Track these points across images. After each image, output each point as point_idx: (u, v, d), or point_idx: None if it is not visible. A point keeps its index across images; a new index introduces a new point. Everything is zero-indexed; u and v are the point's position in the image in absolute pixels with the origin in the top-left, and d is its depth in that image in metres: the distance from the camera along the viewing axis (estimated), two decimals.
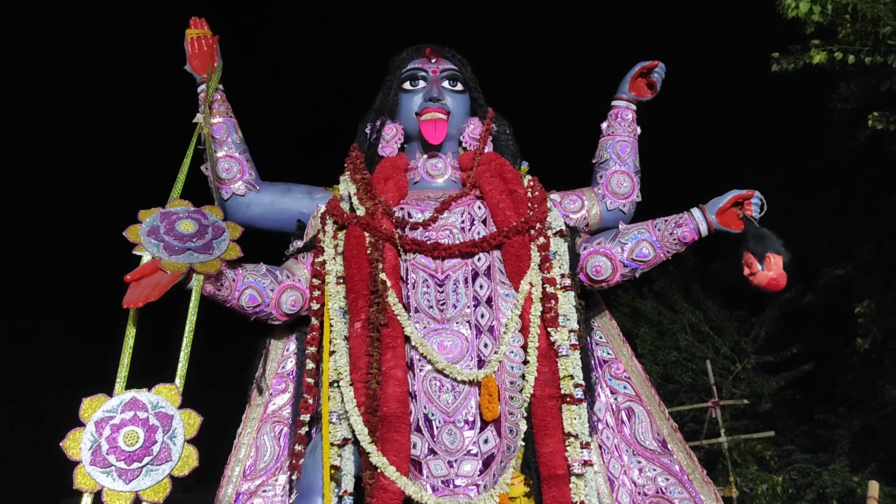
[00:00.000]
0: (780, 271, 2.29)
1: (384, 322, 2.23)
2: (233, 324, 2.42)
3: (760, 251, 2.30)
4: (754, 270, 2.30)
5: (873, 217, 8.13)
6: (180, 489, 1.81)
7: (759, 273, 2.29)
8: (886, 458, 8.37)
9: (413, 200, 2.49)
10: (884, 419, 8.33)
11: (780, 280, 2.29)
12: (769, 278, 2.29)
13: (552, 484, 2.16)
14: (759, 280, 2.30)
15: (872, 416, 8.41)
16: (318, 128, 7.93)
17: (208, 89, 2.54)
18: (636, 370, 2.55)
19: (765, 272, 2.29)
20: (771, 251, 2.29)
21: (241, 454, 2.39)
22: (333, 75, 8.98)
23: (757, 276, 2.30)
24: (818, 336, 8.74)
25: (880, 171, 7.76)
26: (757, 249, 2.30)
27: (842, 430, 8.01)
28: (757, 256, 2.30)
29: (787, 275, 2.30)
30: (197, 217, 2.18)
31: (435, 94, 2.56)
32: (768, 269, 2.28)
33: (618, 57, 2.86)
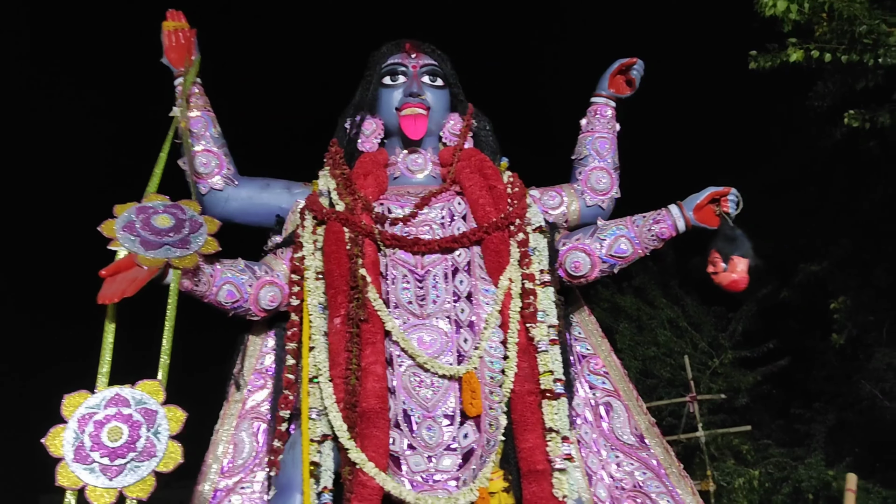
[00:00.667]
0: (743, 274, 2.32)
1: (364, 318, 2.23)
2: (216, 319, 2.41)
3: (727, 252, 2.33)
4: (718, 269, 2.33)
5: (849, 214, 8.24)
6: (161, 485, 1.80)
7: (721, 273, 2.32)
8: (861, 452, 8.50)
9: (393, 196, 2.48)
10: (859, 414, 8.46)
11: (741, 282, 2.33)
12: (730, 279, 2.32)
13: (532, 479, 2.17)
14: (721, 280, 2.34)
15: (847, 410, 8.54)
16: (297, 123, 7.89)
17: (185, 83, 2.51)
18: (614, 365, 2.57)
19: (727, 273, 2.32)
20: (737, 253, 2.31)
21: (218, 451, 2.37)
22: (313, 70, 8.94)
23: (719, 276, 2.34)
24: (794, 332, 8.86)
25: (856, 168, 7.87)
26: (724, 249, 2.33)
27: (817, 425, 8.13)
28: (723, 256, 2.33)
29: (749, 278, 2.33)
30: (174, 211, 2.16)
31: (415, 89, 2.56)
32: (731, 270, 2.32)
33: (597, 54, 2.87)
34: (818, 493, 7.28)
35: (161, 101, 2.53)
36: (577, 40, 8.90)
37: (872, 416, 8.28)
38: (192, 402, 2.06)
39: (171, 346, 1.94)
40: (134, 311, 2.01)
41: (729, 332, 8.76)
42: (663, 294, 9.11)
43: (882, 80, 5.59)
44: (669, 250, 8.94)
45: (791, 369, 8.57)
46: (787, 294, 8.81)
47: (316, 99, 6.52)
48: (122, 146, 7.93)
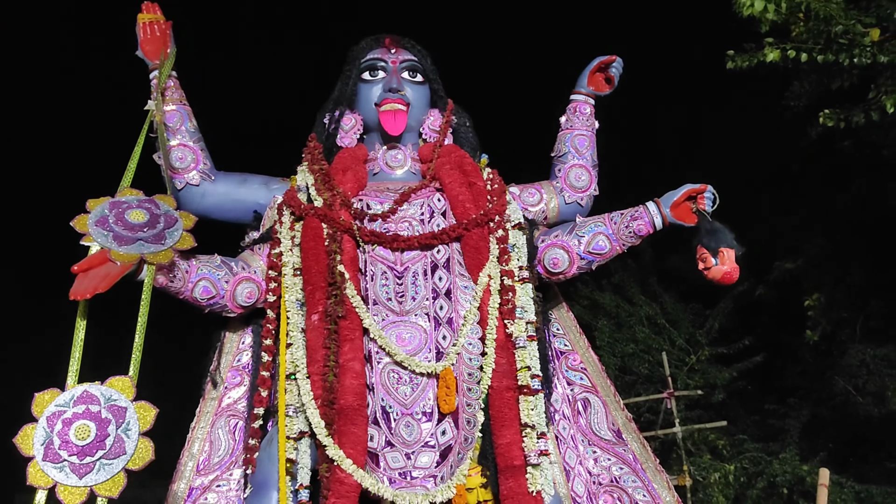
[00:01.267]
0: (734, 265, 2.33)
1: (342, 314, 2.22)
2: (189, 315, 2.39)
3: (713, 246, 2.34)
4: (709, 265, 2.34)
5: (824, 212, 8.34)
6: (136, 484, 1.78)
7: (713, 268, 2.34)
8: (835, 448, 8.62)
9: (372, 192, 2.47)
10: (832, 410, 8.57)
11: (734, 273, 2.34)
12: (723, 272, 2.33)
13: (509, 475, 2.17)
14: (714, 274, 2.34)
15: (821, 406, 8.64)
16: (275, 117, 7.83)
17: (161, 76, 2.49)
18: (592, 361, 2.58)
19: (719, 266, 2.33)
20: (724, 245, 2.33)
21: (194, 449, 2.35)
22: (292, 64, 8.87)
23: (711, 271, 2.34)
24: (769, 328, 8.95)
25: (831, 167, 7.96)
26: (710, 244, 2.35)
27: (792, 421, 8.22)
28: (710, 251, 2.34)
29: (739, 267, 2.34)
30: (148, 206, 2.14)
31: (394, 84, 2.55)
32: (722, 263, 2.33)
33: (576, 52, 2.87)
34: (792, 488, 7.36)
35: (136, 95, 2.50)
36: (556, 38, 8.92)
37: (846, 411, 8.39)
38: (169, 399, 2.04)
39: (143, 343, 1.92)
40: (106, 308, 1.98)
41: (706, 328, 8.83)
42: (642, 291, 9.16)
43: (857, 80, 5.65)
44: (648, 248, 9.00)
45: (766, 366, 8.65)
46: (763, 291, 8.90)
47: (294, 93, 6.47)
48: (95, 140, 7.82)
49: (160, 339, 2.35)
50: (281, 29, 9.59)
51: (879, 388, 8.03)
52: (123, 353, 1.91)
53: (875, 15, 5.28)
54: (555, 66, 4.45)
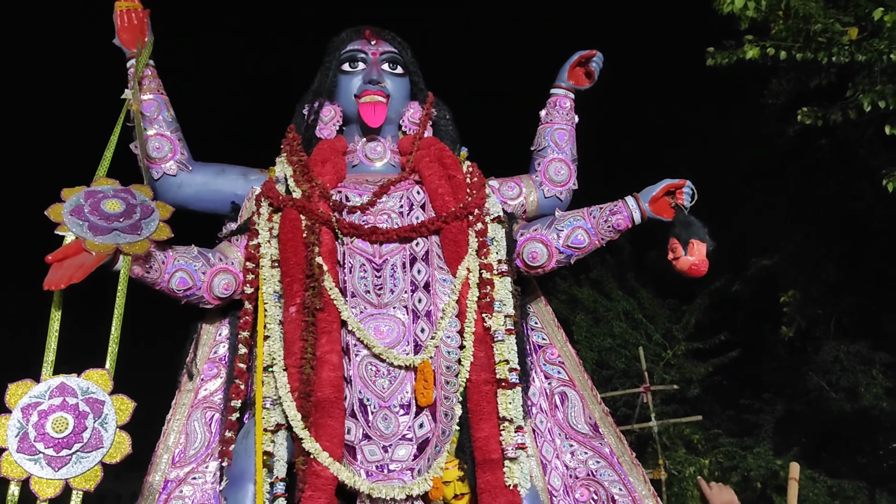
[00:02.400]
0: (703, 258, 2.35)
1: (319, 306, 2.21)
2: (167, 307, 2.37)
3: (685, 237, 2.36)
4: (678, 255, 2.36)
5: (800, 210, 8.43)
6: (112, 476, 1.77)
7: (681, 258, 2.35)
8: (808, 443, 8.74)
9: (351, 184, 2.46)
10: (806, 405, 8.69)
11: (702, 266, 2.36)
12: (690, 263, 2.35)
13: (486, 468, 2.18)
14: (682, 265, 2.36)
15: (795, 401, 8.76)
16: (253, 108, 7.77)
17: (138, 65, 2.45)
18: (570, 355, 2.59)
19: (687, 257, 2.35)
20: (695, 238, 2.35)
21: (169, 441, 2.33)
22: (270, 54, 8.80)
23: (679, 261, 2.36)
24: (745, 324, 9.05)
25: (808, 164, 8.04)
26: (682, 235, 2.36)
27: (766, 415, 8.33)
28: (682, 242, 2.36)
29: (709, 262, 2.36)
30: (124, 196, 2.11)
31: (374, 76, 2.53)
32: (690, 254, 2.34)
33: (557, 46, 2.87)
34: (766, 482, 7.47)
35: (113, 83, 2.47)
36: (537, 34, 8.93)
37: (819, 407, 8.51)
38: (144, 391, 2.02)
39: (119, 335, 1.90)
40: (81, 298, 1.96)
41: (682, 324, 8.91)
42: (620, 286, 9.23)
43: (835, 79, 5.72)
44: (626, 244, 9.06)
45: (741, 361, 8.75)
46: (739, 287, 8.99)
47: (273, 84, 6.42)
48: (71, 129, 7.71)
49: (136, 330, 2.32)
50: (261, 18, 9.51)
51: (852, 384, 8.16)
52: (98, 344, 1.89)
53: (853, 14, 5.33)
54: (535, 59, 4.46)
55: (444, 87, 2.74)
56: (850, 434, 8.58)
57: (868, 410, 8.09)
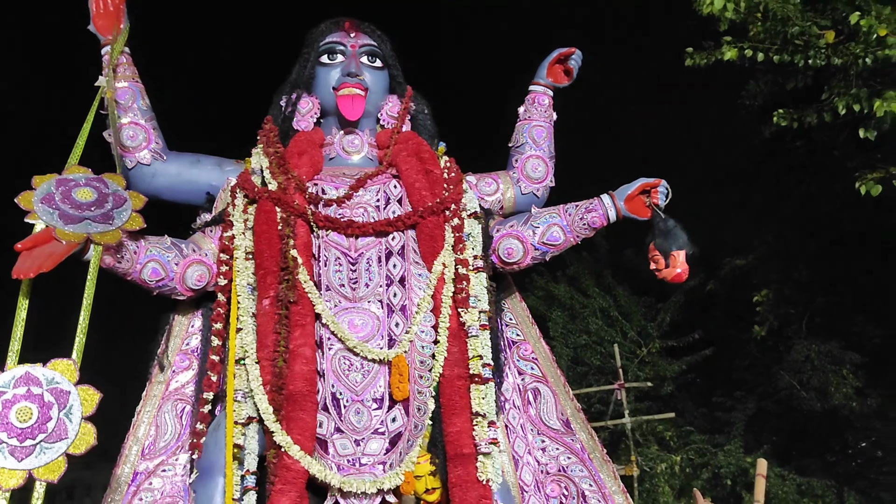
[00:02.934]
0: (684, 266, 2.38)
1: (293, 299, 2.20)
2: (137, 297, 2.34)
3: (666, 248, 2.38)
4: (660, 267, 2.39)
5: (774, 211, 8.53)
6: (83, 467, 1.75)
7: (664, 270, 2.38)
8: (778, 441, 8.86)
9: (328, 177, 2.44)
10: (777, 403, 8.81)
11: (684, 274, 2.39)
12: (674, 274, 2.38)
13: (458, 463, 2.18)
14: (665, 275, 2.40)
15: (766, 400, 8.87)
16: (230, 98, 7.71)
17: (113, 52, 2.42)
18: (543, 351, 2.60)
19: (670, 269, 2.38)
20: (676, 247, 2.37)
21: (139, 433, 2.31)
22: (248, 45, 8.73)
23: (663, 272, 2.39)
24: (719, 323, 9.15)
25: (783, 166, 8.14)
26: (663, 245, 2.39)
27: (737, 413, 8.43)
28: (662, 253, 2.38)
29: (689, 268, 2.39)
30: (97, 185, 2.08)
31: (353, 69, 2.52)
32: (673, 266, 2.38)
33: (535, 43, 2.88)
34: (736, 479, 7.56)
35: (87, 70, 2.43)
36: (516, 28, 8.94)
37: (790, 406, 8.63)
38: (114, 383, 2.00)
39: (87, 325, 1.88)
40: (50, 288, 1.94)
41: (657, 322, 8.99)
42: (596, 284, 9.28)
43: (811, 81, 5.79)
44: (603, 241, 9.12)
45: (714, 359, 8.85)
46: (713, 286, 9.08)
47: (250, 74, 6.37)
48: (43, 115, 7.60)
49: (106, 320, 2.29)
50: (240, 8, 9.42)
51: (823, 383, 8.28)
52: (66, 334, 1.87)
53: (831, 17, 5.39)
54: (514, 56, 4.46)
55: (422, 81, 2.73)
56: (820, 433, 8.71)
57: (838, 410, 8.21)
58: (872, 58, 5.06)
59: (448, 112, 3.03)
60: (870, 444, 8.97)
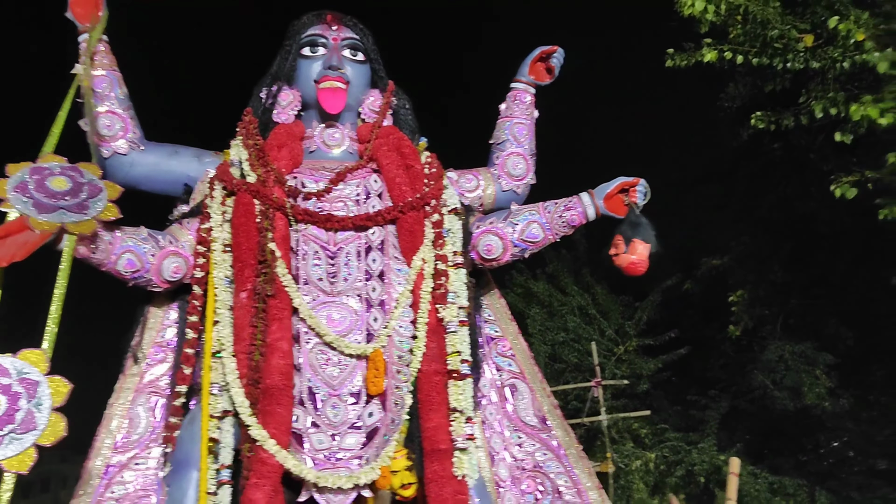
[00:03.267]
0: (643, 258, 2.37)
1: (271, 293, 2.18)
2: (112, 288, 2.32)
3: (629, 235, 2.38)
4: (619, 251, 2.39)
5: (750, 212, 8.62)
6: (57, 459, 1.73)
7: (622, 255, 2.38)
8: (751, 439, 8.96)
9: (307, 170, 2.43)
10: (751, 402, 8.90)
11: (640, 265, 2.37)
12: (629, 261, 2.36)
13: (434, 458, 2.18)
14: (621, 262, 2.38)
15: (740, 399, 8.97)
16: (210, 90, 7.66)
17: (91, 39, 2.39)
18: (521, 348, 2.61)
19: (627, 255, 2.37)
20: (639, 238, 2.37)
21: (112, 425, 2.29)
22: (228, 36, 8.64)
23: (619, 258, 2.38)
24: (695, 322, 9.23)
25: (760, 168, 8.23)
26: (627, 233, 2.39)
27: (711, 412, 8.51)
28: (625, 240, 2.39)
29: (649, 263, 2.38)
30: (72, 174, 2.05)
31: (335, 62, 2.50)
32: (632, 252, 2.37)
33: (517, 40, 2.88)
34: (709, 477, 7.64)
35: (64, 58, 2.40)
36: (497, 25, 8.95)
37: (763, 405, 8.73)
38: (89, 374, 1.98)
39: (60, 315, 1.85)
40: (22, 277, 1.91)
41: (635, 320, 9.06)
42: (575, 282, 9.33)
43: (789, 85, 5.84)
44: (582, 239, 9.17)
45: (690, 358, 8.93)
46: (690, 286, 9.17)
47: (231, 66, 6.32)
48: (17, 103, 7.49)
49: (79, 311, 2.26)
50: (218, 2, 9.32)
51: (795, 383, 8.38)
52: (38, 324, 1.85)
53: (810, 21, 5.45)
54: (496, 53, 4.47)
55: (403, 76, 2.72)
56: (793, 432, 8.82)
57: (810, 409, 8.32)
58: (850, 62, 5.13)
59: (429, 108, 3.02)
60: (841, 444, 9.10)
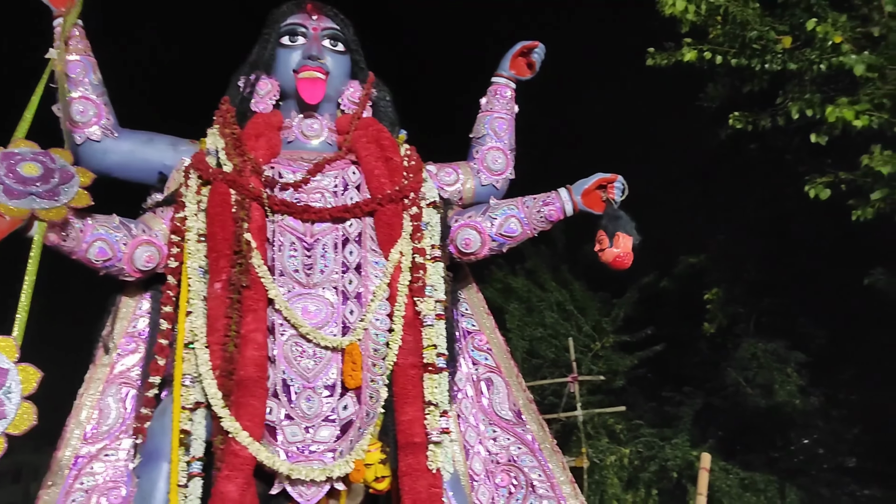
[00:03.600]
0: (628, 250, 2.38)
1: (246, 283, 2.16)
2: (83, 276, 2.28)
3: (612, 230, 2.39)
4: (604, 247, 2.40)
5: (727, 211, 8.70)
6: (29, 450, 1.71)
7: (607, 250, 2.39)
8: (724, 436, 9.06)
9: (285, 160, 2.41)
10: (724, 399, 9.00)
11: (626, 259, 2.39)
12: (615, 255, 2.37)
13: (409, 451, 2.18)
14: (606, 256, 2.39)
15: (714, 396, 9.06)
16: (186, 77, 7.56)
17: (65, 24, 2.34)
18: (498, 342, 2.61)
19: (612, 249, 2.38)
20: (622, 231, 2.39)
21: (81, 416, 2.25)
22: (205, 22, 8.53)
23: (605, 253, 2.39)
24: (671, 319, 9.30)
25: (737, 168, 8.30)
26: (609, 228, 2.40)
27: (685, 408, 8.58)
28: (608, 234, 2.40)
29: (633, 256, 2.40)
30: (43, 160, 2.02)
31: (314, 52, 2.48)
32: (616, 246, 2.38)
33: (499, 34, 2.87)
34: (682, 472, 7.71)
35: (38, 42, 2.35)
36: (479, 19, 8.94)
37: (736, 401, 8.83)
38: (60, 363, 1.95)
39: (30, 303, 1.83)
40: None
41: (612, 316, 9.10)
42: (553, 277, 9.36)
43: (767, 86, 5.89)
44: (561, 235, 9.19)
45: (665, 355, 8.99)
46: (667, 284, 9.24)
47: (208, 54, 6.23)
48: None
49: (50, 298, 2.23)
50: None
51: (767, 380, 8.48)
52: (8, 312, 1.82)
53: (788, 23, 5.50)
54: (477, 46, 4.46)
55: (384, 68, 2.71)
56: (764, 429, 8.93)
57: (781, 407, 8.42)
58: (827, 64, 5.18)
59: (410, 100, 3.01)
60: (811, 442, 9.23)
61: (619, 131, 9.32)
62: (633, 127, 9.33)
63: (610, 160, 2.81)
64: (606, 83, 9.24)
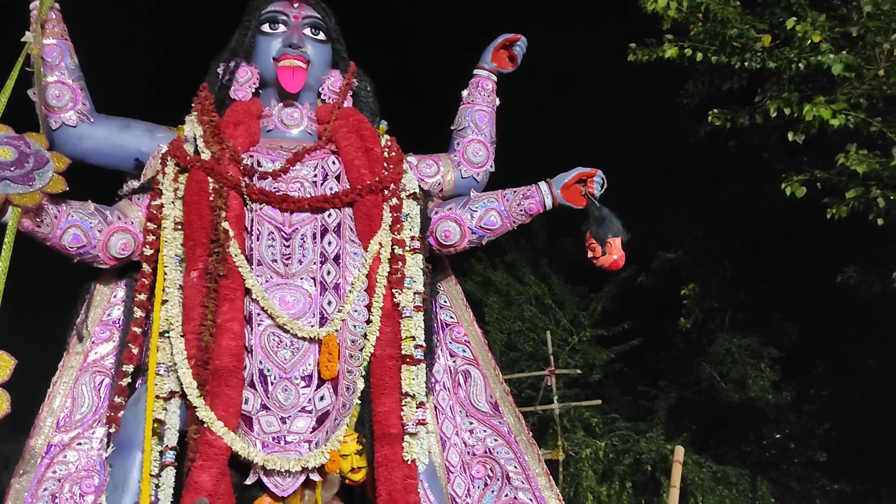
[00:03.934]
0: (620, 252, 2.44)
1: (223, 272, 2.15)
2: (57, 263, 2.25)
3: (601, 235, 2.44)
4: (598, 255, 2.44)
5: (704, 208, 8.76)
6: (1, 438, 1.68)
7: (602, 257, 2.43)
8: (698, 430, 9.15)
9: (264, 149, 2.39)
10: (698, 394, 9.08)
11: (620, 260, 2.46)
12: (611, 261, 2.43)
13: (385, 442, 2.18)
14: (603, 263, 2.45)
15: (688, 390, 9.14)
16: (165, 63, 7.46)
17: (42, 7, 2.31)
18: (476, 335, 2.62)
19: (607, 256, 2.43)
20: (611, 234, 2.43)
21: (55, 404, 2.23)
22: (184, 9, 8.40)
23: (600, 260, 2.45)
24: (647, 314, 9.36)
25: (715, 164, 8.36)
26: (598, 233, 2.44)
27: (660, 402, 8.64)
28: (599, 241, 2.44)
29: (625, 254, 2.45)
30: (17, 144, 1.99)
31: (295, 40, 2.46)
32: (610, 253, 2.43)
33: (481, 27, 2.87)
34: (656, 465, 7.77)
35: (13, 25, 2.31)
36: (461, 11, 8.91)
37: (710, 396, 8.91)
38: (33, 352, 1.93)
39: (3, 289, 1.80)
40: None
41: (589, 311, 9.13)
42: (532, 271, 9.37)
43: (746, 84, 5.93)
44: (541, 229, 9.22)
45: (642, 349, 9.04)
46: (644, 279, 9.30)
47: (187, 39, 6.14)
48: None
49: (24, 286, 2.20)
50: None
51: (741, 375, 8.57)
52: None
53: (768, 22, 5.53)
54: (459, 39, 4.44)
55: (365, 59, 2.69)
56: (737, 423, 9.03)
57: (754, 401, 8.52)
58: (805, 63, 5.22)
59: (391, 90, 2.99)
60: (783, 436, 9.35)
61: (599, 126, 9.35)
62: (614, 122, 9.36)
63: (590, 154, 2.82)
64: (587, 78, 9.26)
